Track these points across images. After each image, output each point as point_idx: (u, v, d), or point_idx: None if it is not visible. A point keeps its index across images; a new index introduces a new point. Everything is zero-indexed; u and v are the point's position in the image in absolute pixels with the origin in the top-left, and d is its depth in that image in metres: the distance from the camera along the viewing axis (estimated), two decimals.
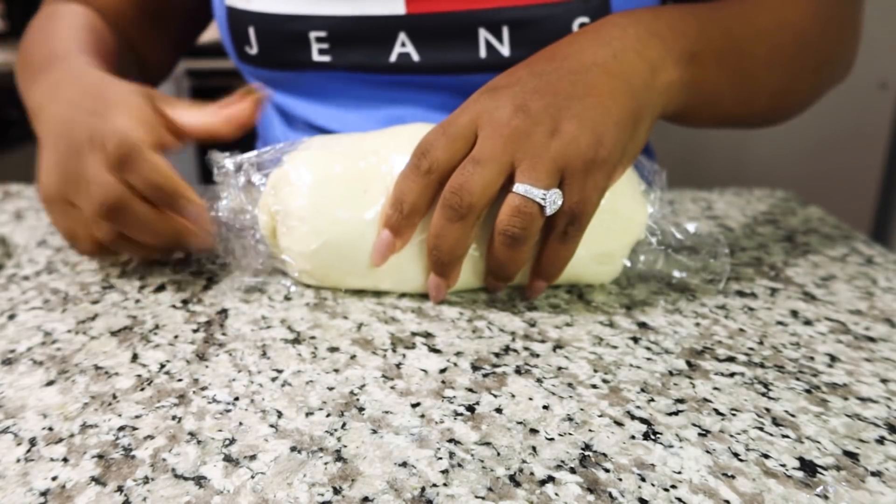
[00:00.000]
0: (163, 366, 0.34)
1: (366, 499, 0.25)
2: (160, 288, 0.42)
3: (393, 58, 0.51)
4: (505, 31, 0.48)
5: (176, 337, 0.36)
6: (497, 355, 0.35)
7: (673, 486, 0.26)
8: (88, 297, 0.41)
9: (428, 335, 0.37)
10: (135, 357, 0.35)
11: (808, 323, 0.39)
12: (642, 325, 0.38)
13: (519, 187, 0.35)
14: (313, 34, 0.51)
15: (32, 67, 0.48)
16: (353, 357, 0.35)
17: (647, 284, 0.43)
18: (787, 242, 0.51)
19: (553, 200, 0.35)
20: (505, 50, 0.48)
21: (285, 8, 0.51)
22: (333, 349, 0.35)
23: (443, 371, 0.33)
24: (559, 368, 0.34)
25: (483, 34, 0.48)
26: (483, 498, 0.25)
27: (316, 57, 0.52)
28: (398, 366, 0.34)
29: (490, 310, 0.40)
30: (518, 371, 0.33)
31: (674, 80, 0.40)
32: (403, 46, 0.50)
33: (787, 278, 0.45)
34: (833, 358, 0.35)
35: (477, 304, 0.40)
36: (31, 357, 0.35)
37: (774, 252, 0.49)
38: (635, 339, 0.37)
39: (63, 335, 0.37)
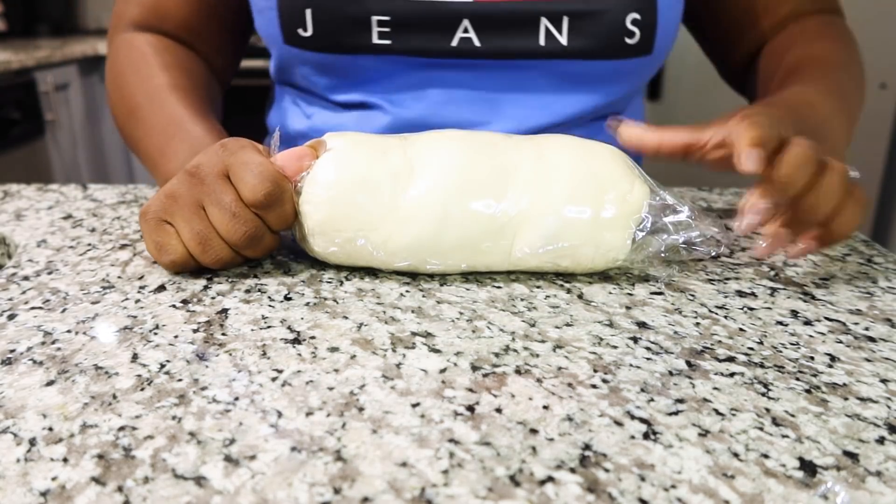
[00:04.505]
0: (163, 366, 0.34)
1: (366, 499, 0.25)
2: (160, 288, 0.42)
3: (454, 42, 0.53)
4: (565, 22, 0.52)
5: (176, 337, 0.37)
6: (497, 355, 0.35)
7: (673, 486, 0.26)
8: (88, 297, 0.41)
9: (428, 335, 0.37)
10: (135, 357, 0.35)
11: (808, 323, 0.39)
12: (642, 325, 0.38)
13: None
14: (375, 18, 0.53)
15: (152, 130, 0.55)
16: (353, 357, 0.35)
17: (647, 284, 0.43)
18: None
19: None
20: (563, 39, 0.53)
21: None
22: (333, 349, 0.35)
23: (443, 371, 0.33)
24: (559, 368, 0.34)
25: (544, 23, 0.53)
26: (483, 498, 0.25)
27: (375, 40, 0.54)
28: (398, 366, 0.34)
29: (490, 310, 0.40)
30: (518, 371, 0.33)
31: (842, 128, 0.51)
32: (466, 32, 0.53)
33: (787, 278, 0.45)
34: (833, 358, 0.35)
35: (477, 304, 0.40)
36: (31, 357, 0.35)
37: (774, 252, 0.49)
38: (635, 339, 0.37)
39: (63, 335, 0.37)
